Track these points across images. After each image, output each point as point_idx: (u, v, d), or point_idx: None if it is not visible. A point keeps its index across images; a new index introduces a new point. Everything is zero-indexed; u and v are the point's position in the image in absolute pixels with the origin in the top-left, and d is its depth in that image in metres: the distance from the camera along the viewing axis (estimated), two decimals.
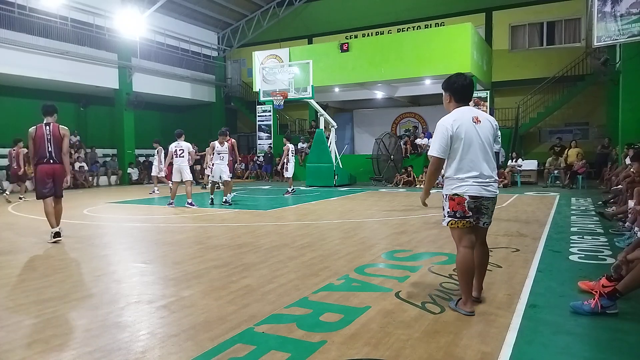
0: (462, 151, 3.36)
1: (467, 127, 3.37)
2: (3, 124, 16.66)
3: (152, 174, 15.38)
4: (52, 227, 6.45)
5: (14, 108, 17.36)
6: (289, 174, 13.51)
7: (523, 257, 5.17)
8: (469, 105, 3.55)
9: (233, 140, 11.54)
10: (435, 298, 3.77)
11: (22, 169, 12.70)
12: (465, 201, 3.37)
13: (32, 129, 6.42)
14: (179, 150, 10.60)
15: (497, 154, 3.59)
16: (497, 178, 3.50)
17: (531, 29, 19.91)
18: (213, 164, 10.98)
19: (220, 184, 11.45)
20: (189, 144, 10.88)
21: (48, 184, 6.41)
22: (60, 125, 6.48)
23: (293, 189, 13.72)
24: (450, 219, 3.46)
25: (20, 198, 12.53)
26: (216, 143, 10.84)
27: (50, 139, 6.35)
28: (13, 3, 16.07)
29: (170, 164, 10.76)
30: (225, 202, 10.89)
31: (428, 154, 3.49)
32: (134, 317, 3.46)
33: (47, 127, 6.39)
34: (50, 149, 6.36)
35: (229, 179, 10.92)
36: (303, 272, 4.65)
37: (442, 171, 3.56)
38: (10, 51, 15.50)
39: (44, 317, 3.49)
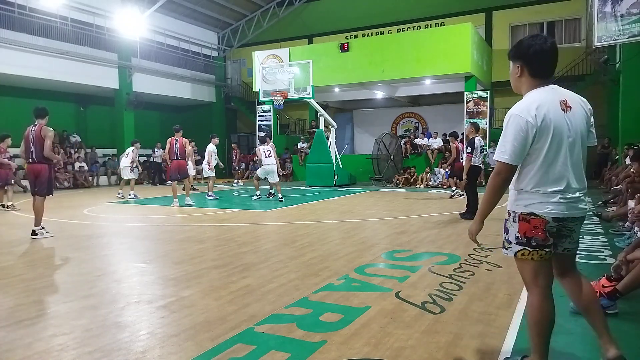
0: (548, 153, 2.28)
1: (556, 116, 2.28)
2: (3, 123, 16.63)
3: (125, 177, 13.47)
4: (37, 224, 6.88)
5: (14, 108, 17.35)
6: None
7: None
8: (550, 83, 2.38)
9: (185, 139, 10.80)
10: (435, 298, 3.77)
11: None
12: (547, 224, 2.32)
13: (25, 131, 6.86)
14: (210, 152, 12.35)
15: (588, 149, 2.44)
16: (586, 189, 2.41)
17: (531, 29, 19.90)
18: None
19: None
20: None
21: (31, 182, 6.86)
22: (44, 127, 6.75)
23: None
24: (522, 248, 2.37)
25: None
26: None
27: (33, 139, 6.70)
28: (13, 3, 16.08)
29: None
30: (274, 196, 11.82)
31: (494, 158, 2.38)
32: (134, 317, 3.46)
33: (33, 129, 6.74)
34: (32, 149, 6.72)
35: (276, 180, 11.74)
36: (303, 272, 4.65)
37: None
38: (10, 51, 15.50)
39: (44, 317, 3.50)
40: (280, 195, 11.54)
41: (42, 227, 6.84)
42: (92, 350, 2.87)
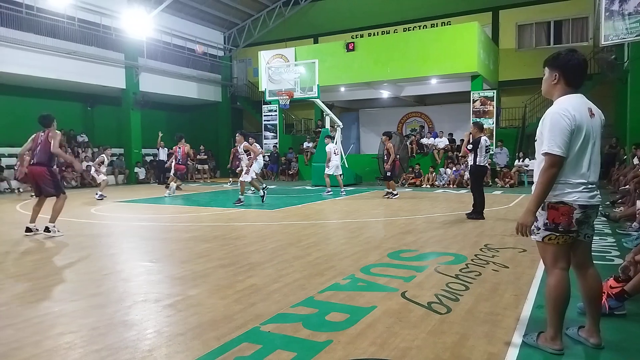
0: (580, 150, 2.68)
1: (585, 120, 2.68)
2: (11, 123, 16.77)
3: (104, 179, 13.04)
4: (30, 222, 7.06)
5: (21, 107, 17.47)
6: (330, 170, 13.30)
7: (530, 258, 5.14)
8: (579, 92, 2.79)
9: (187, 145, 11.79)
10: (441, 298, 3.76)
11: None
12: (574, 212, 2.68)
13: (34, 135, 7.02)
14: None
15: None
16: (599, 183, 2.84)
17: (538, 28, 19.79)
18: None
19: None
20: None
21: (33, 184, 7.14)
22: (51, 131, 6.90)
23: (329, 191, 13.14)
24: (549, 233, 2.72)
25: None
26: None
27: (40, 143, 6.88)
28: (21, 3, 16.18)
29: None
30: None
31: (543, 151, 2.67)
32: (141, 316, 3.48)
33: (41, 134, 6.96)
34: (36, 152, 6.89)
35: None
36: (309, 272, 4.65)
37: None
38: (18, 51, 15.61)
39: (51, 315, 3.52)
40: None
41: (45, 228, 6.86)
42: (100, 348, 2.89)
